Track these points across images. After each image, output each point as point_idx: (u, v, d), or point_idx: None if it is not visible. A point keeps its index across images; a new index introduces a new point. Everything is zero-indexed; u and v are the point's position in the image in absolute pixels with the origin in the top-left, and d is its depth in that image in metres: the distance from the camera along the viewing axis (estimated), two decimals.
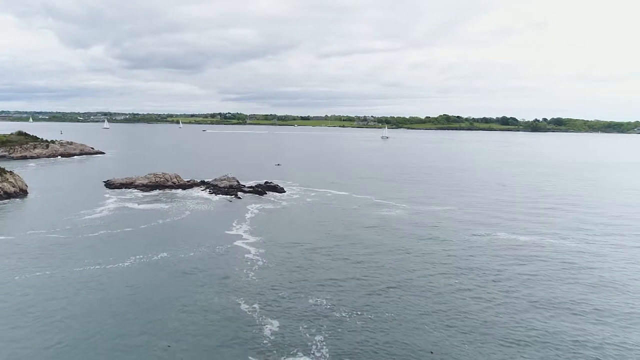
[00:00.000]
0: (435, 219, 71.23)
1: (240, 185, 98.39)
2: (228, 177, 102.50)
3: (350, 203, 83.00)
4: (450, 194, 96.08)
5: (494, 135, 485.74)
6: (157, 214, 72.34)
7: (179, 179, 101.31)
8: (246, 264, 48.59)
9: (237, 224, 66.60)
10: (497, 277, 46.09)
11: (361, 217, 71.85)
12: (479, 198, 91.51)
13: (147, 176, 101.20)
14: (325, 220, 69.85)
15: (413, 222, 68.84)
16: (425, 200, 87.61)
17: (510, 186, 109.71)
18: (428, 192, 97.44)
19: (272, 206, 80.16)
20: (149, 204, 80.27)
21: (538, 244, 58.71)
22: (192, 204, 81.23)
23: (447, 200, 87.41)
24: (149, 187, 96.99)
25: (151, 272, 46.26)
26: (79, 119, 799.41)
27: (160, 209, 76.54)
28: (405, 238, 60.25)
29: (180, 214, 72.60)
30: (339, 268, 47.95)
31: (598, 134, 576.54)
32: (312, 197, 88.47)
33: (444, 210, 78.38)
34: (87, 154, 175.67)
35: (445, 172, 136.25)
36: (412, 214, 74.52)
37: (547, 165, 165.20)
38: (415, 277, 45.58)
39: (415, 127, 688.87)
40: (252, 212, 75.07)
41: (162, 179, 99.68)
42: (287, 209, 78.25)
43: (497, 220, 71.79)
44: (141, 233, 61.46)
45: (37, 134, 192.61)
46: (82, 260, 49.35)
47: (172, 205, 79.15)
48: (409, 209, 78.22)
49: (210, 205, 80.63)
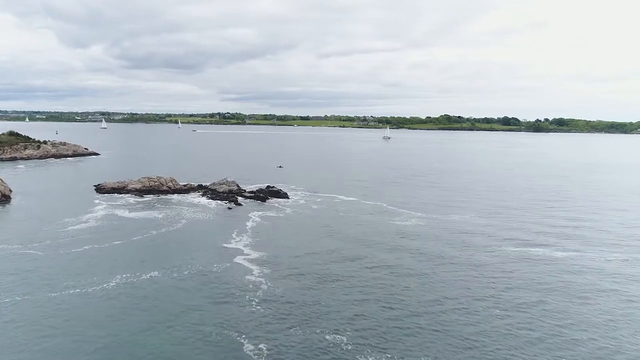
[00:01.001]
0: (457, 231, 64.47)
1: (240, 190, 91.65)
2: (227, 181, 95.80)
3: (360, 211, 76.23)
4: (466, 199, 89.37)
5: (496, 136, 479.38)
6: (149, 224, 65.53)
7: (174, 183, 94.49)
8: (248, 288, 41.83)
9: (237, 235, 59.82)
10: (545, 311, 39.40)
11: (375, 228, 65.03)
12: (498, 204, 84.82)
13: (140, 180, 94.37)
14: (336, 232, 63.05)
15: (433, 235, 62.06)
16: (440, 207, 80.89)
17: (530, 191, 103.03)
18: (441, 198, 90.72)
19: (275, 214, 73.40)
20: (141, 212, 73.44)
21: (580, 262, 52.03)
22: (188, 211, 74.43)
23: (465, 207, 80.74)
24: (143, 192, 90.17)
25: (137, 298, 39.52)
26: (76, 119, 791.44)
27: (153, 218, 69.70)
28: (429, 255, 53.54)
29: (174, 224, 65.78)
30: (358, 293, 41.21)
31: (602, 135, 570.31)
32: (319, 204, 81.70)
33: (464, 219, 71.67)
34: (80, 155, 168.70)
35: (455, 175, 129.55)
36: (430, 225, 67.75)
37: (563, 167, 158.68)
38: (449, 308, 38.73)
39: (416, 127, 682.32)
40: (253, 221, 68.31)
41: (156, 184, 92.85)
42: (292, 218, 71.47)
43: (524, 231, 65.10)
44: (130, 247, 54.68)
45: (32, 134, 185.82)
46: (58, 283, 42.59)
47: (166, 214, 72.34)
48: (426, 218, 71.48)
49: (208, 213, 73.85)
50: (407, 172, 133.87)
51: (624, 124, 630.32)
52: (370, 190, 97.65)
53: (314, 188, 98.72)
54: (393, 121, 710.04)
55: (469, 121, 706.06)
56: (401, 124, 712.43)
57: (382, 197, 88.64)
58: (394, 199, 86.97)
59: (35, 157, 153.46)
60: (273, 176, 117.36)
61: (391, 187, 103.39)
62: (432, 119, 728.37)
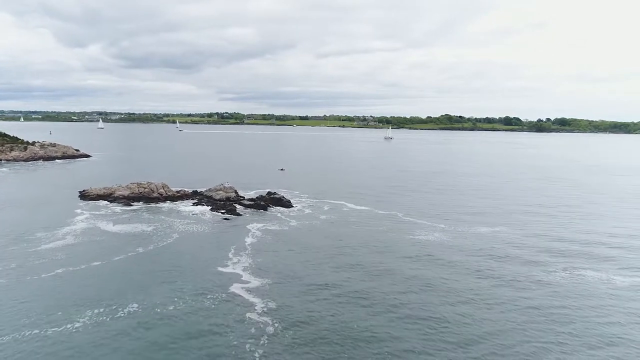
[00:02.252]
0: (489, 247, 56.15)
1: (238, 197, 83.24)
2: (224, 186, 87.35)
3: (375, 222, 67.78)
4: (491, 207, 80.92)
5: (499, 136, 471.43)
6: (135, 240, 57.09)
7: (166, 190, 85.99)
8: (249, 331, 33.45)
9: (235, 255, 51.40)
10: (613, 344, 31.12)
11: (395, 244, 56.63)
12: (526, 213, 76.52)
13: (129, 186, 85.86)
14: (350, 249, 54.65)
15: (463, 252, 53.73)
16: (463, 216, 72.57)
17: (557, 198, 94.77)
18: (462, 205, 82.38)
19: (278, 227, 64.97)
20: (127, 225, 64.94)
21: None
22: (180, 223, 65.95)
23: (491, 217, 72.43)
24: (131, 199, 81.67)
25: (109, 341, 31.14)
26: (73, 119, 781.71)
27: (140, 232, 61.22)
28: (462, 275, 45.33)
29: (162, 240, 57.28)
30: (387, 333, 32.88)
31: (606, 135, 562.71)
32: (327, 214, 73.23)
33: (494, 232, 63.35)
34: (70, 157, 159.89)
35: (471, 178, 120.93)
36: (456, 239, 59.40)
37: (583, 169, 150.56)
38: (501, 345, 30.47)
39: (417, 127, 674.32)
40: (253, 236, 59.88)
41: (146, 190, 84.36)
42: (298, 232, 63.00)
43: (568, 247, 56.82)
44: (108, 271, 46.24)
45: (24, 135, 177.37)
46: (16, 321, 34.26)
47: (155, 227, 63.85)
48: (450, 231, 63.11)
49: (202, 225, 65.37)
50: (418, 175, 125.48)
51: (627, 124, 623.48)
52: (381, 197, 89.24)
53: (319, 194, 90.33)
54: (393, 121, 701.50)
55: (470, 121, 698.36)
56: (401, 124, 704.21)
57: (396, 205, 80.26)
58: (409, 207, 78.64)
59: (21, 159, 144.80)
60: (274, 180, 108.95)
61: (404, 193, 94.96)
62: (432, 119, 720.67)
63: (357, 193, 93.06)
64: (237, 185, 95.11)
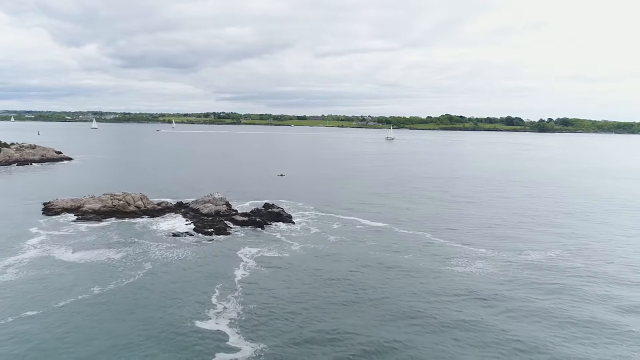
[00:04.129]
0: (553, 281, 43.41)
1: (230, 211, 70.31)
2: (214, 197, 74.46)
3: (398, 248, 54.66)
4: (534, 225, 67.84)
5: (503, 136, 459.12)
6: (93, 275, 44.14)
7: (145, 202, 72.92)
8: None
9: (220, 300, 38.49)
10: None
11: (431, 280, 43.65)
12: (580, 232, 63.81)
13: (101, 197, 72.75)
14: (373, 289, 41.70)
15: (522, 290, 40.88)
16: (506, 237, 59.66)
17: (605, 213, 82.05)
18: (499, 222, 69.32)
19: (277, 253, 51.97)
20: (89, 251, 51.88)
21: None
22: (156, 248, 52.92)
23: (539, 236, 59.62)
24: (102, 214, 68.62)
25: None
26: (66, 119, 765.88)
27: (102, 262, 48.19)
28: (530, 325, 32.42)
29: (128, 274, 44.26)
30: None
31: (612, 135, 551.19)
32: (337, 234, 60.21)
33: (550, 258, 50.63)
34: (50, 160, 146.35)
35: (497, 187, 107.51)
36: (506, 270, 46.54)
37: (620, 171, 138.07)
38: None
39: (417, 127, 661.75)
40: (245, 267, 46.94)
41: (121, 202, 71.28)
42: (302, 261, 49.96)
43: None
44: (45, 327, 33.29)
45: (10, 135, 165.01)
46: None
47: (124, 254, 50.81)
48: (495, 259, 50.23)
49: (183, 251, 52.31)
50: (434, 181, 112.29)
51: (630, 124, 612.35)
52: (399, 209, 76.21)
53: (325, 206, 77.40)
54: (393, 121, 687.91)
55: (471, 121, 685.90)
56: (401, 124, 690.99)
57: (419, 222, 67.31)
58: (436, 224, 65.75)
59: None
60: (273, 188, 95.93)
61: (424, 203, 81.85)
62: (433, 119, 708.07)
63: (369, 204, 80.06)
64: (230, 194, 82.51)
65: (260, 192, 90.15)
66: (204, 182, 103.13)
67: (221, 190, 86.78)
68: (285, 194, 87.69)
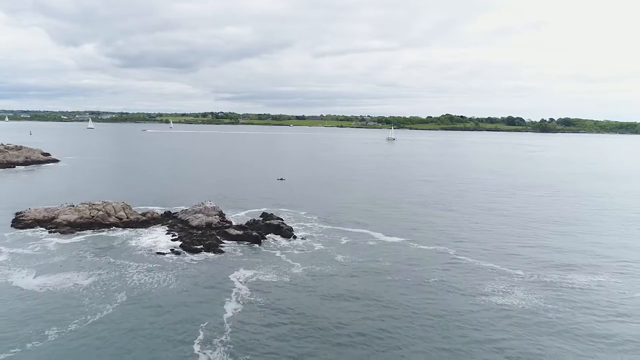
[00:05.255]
0: (614, 312, 35.32)
1: (223, 223, 62.19)
2: (206, 206, 66.34)
3: (421, 269, 46.54)
4: (574, 240, 59.32)
5: (506, 137, 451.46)
6: (53, 310, 36.09)
7: (128, 212, 64.72)
8: None
9: (205, 346, 30.49)
10: None
11: (469, 320, 35.48)
12: (627, 247, 55.85)
13: (78, 207, 64.57)
14: (393, 331, 33.58)
15: (582, 332, 32.84)
16: (543, 256, 51.47)
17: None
18: (531, 235, 61.08)
19: (275, 277, 43.87)
20: (55, 275, 43.79)
21: None
22: (133, 271, 44.80)
23: (584, 259, 51.38)
24: (78, 226, 60.55)
25: None
26: (62, 118, 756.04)
27: (68, 290, 40.09)
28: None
29: (96, 311, 36.10)
30: None
31: (616, 136, 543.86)
32: (345, 252, 52.05)
33: (601, 285, 42.43)
34: (35, 162, 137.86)
35: (516, 192, 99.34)
36: (552, 299, 38.50)
37: None
38: None
39: (418, 127, 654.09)
40: (238, 297, 38.86)
41: (100, 213, 63.08)
42: (306, 287, 41.82)
43: None
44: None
45: (0, 135, 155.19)
46: None
47: (97, 278, 42.74)
48: (537, 283, 42.15)
49: (166, 275, 44.17)
50: (447, 188, 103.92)
51: (634, 124, 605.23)
52: (414, 220, 67.94)
53: (331, 216, 69.31)
54: (393, 121, 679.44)
55: (472, 121, 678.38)
56: (401, 123, 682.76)
57: (439, 235, 59.18)
58: (459, 237, 57.65)
59: None
60: (272, 195, 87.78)
61: (441, 215, 73.27)
62: (433, 119, 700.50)
63: (379, 214, 71.98)
64: (224, 202, 74.49)
65: (257, 199, 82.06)
66: (196, 187, 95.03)
67: (215, 197, 78.99)
68: (286, 202, 79.61)
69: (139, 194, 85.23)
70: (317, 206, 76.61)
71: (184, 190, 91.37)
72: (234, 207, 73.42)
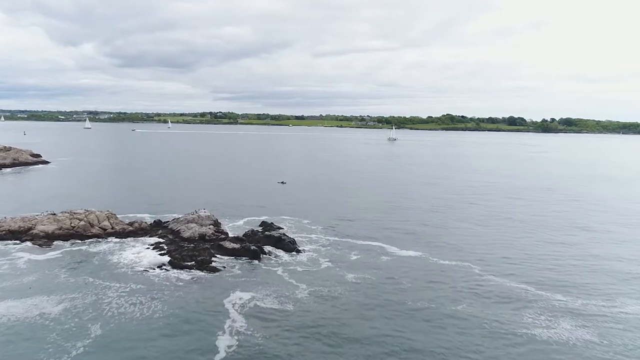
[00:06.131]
0: None
1: (218, 234, 55.98)
2: (200, 215, 60.20)
3: (445, 292, 40.27)
4: (612, 255, 53.30)
5: (509, 137, 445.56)
6: (12, 349, 29.75)
7: (112, 222, 58.44)
8: None
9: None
10: None
11: (498, 353, 29.31)
12: None
13: (57, 217, 58.22)
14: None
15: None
16: (583, 277, 45.20)
17: None
18: (565, 251, 54.80)
19: (276, 302, 37.63)
20: (21, 300, 37.49)
21: None
22: (113, 295, 38.54)
23: (628, 277, 45.27)
24: (56, 238, 54.29)
25: None
26: (60, 118, 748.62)
27: (33, 321, 33.82)
28: None
29: (62, 351, 29.80)
30: None
31: (620, 136, 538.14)
32: (356, 270, 45.74)
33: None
34: (23, 164, 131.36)
35: (536, 198, 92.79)
36: (608, 336, 32.27)
37: None
38: None
39: (418, 128, 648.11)
40: (232, 330, 32.62)
41: (82, 223, 56.82)
42: (312, 315, 35.55)
43: None
44: None
45: None
46: None
47: (67, 304, 36.51)
48: (585, 313, 35.91)
49: (150, 299, 37.89)
50: (460, 192, 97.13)
51: (636, 124, 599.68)
52: (430, 232, 61.14)
53: (337, 225, 63.03)
54: (393, 121, 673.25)
55: (473, 121, 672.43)
56: (401, 123, 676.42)
57: (460, 249, 52.81)
58: (483, 253, 51.23)
59: None
60: (272, 200, 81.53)
61: (459, 224, 66.18)
62: (434, 119, 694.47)
63: (391, 223, 65.61)
64: (220, 209, 68.48)
65: (257, 205, 75.77)
66: (191, 191, 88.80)
67: (211, 202, 73.01)
68: (287, 208, 73.35)
69: (128, 199, 79.08)
70: (321, 213, 70.40)
71: (177, 194, 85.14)
72: (230, 215, 67.18)
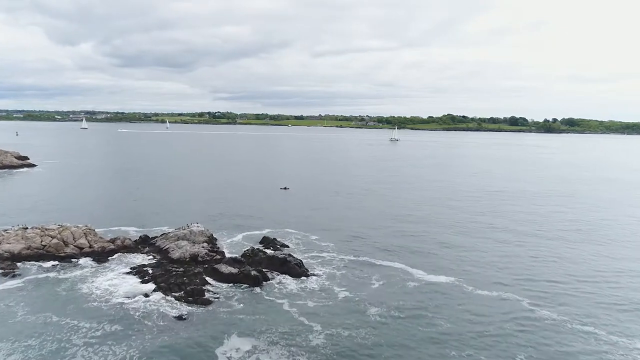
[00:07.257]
0: None
1: (213, 253, 48.13)
2: (192, 230, 52.40)
3: (489, 334, 32.46)
4: None
5: (512, 137, 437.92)
6: None
7: (90, 238, 50.47)
8: None
9: None
10: None
11: None
12: None
13: (27, 234, 50.18)
14: None
15: None
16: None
17: None
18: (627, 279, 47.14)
19: (285, 352, 29.78)
20: None
21: None
22: (79, 341, 30.63)
23: None
24: (23, 258, 46.36)
25: None
26: (56, 118, 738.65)
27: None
28: None
29: None
30: None
31: (624, 136, 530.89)
32: (378, 301, 37.74)
33: None
34: (7, 167, 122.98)
35: (565, 205, 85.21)
36: None
37: None
38: None
39: (419, 128, 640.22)
40: None
41: (54, 241, 48.86)
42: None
43: None
44: None
45: None
46: None
47: (20, 356, 28.49)
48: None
49: (125, 348, 29.95)
50: (479, 199, 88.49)
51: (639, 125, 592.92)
52: (458, 250, 52.81)
53: (350, 241, 55.05)
54: (393, 121, 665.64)
55: (474, 121, 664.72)
56: (402, 123, 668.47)
57: (497, 272, 44.85)
58: (525, 278, 43.22)
59: None
60: (274, 210, 73.46)
61: (490, 241, 57.55)
62: (434, 119, 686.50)
63: (412, 239, 57.37)
64: (216, 221, 60.64)
65: (257, 216, 67.70)
66: (185, 198, 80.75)
67: (206, 212, 65.37)
68: (292, 220, 65.37)
69: (114, 208, 71.24)
70: (330, 226, 62.43)
71: (169, 201, 77.24)
72: (227, 228, 59.24)
